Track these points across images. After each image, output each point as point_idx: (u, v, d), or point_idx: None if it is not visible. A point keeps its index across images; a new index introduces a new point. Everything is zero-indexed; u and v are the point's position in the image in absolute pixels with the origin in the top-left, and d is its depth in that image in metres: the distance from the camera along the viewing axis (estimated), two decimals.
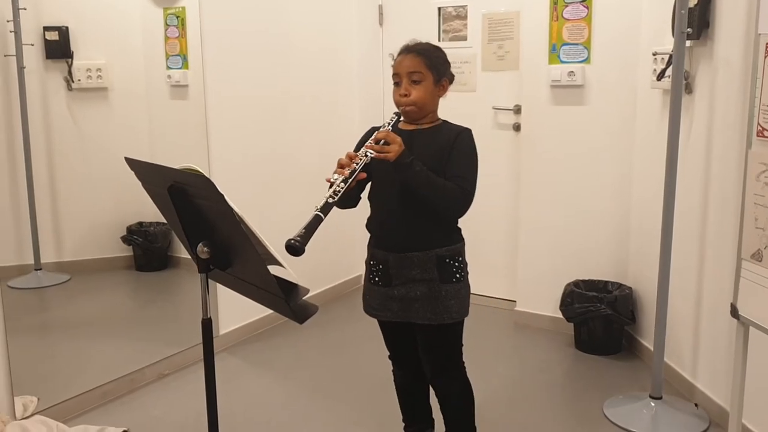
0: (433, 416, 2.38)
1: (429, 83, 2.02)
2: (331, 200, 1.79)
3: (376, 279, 2.12)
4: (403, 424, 2.38)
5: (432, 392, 2.29)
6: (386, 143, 1.90)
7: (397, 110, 2.05)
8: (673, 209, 2.62)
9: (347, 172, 1.84)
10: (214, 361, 1.79)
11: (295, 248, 1.68)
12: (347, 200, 2.02)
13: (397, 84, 2.04)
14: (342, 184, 1.82)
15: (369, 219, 2.15)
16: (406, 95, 2.01)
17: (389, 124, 2.00)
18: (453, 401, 2.21)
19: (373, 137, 1.94)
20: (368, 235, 2.17)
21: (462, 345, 2.18)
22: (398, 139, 1.90)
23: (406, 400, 2.34)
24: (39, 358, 2.96)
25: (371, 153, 1.88)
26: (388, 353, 2.30)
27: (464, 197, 1.98)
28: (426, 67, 2.01)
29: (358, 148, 2.01)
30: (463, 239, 2.13)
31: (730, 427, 2.18)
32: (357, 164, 1.86)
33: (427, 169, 1.93)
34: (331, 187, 1.82)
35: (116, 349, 3.16)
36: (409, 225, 2.03)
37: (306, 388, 3.02)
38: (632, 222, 3.40)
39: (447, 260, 2.05)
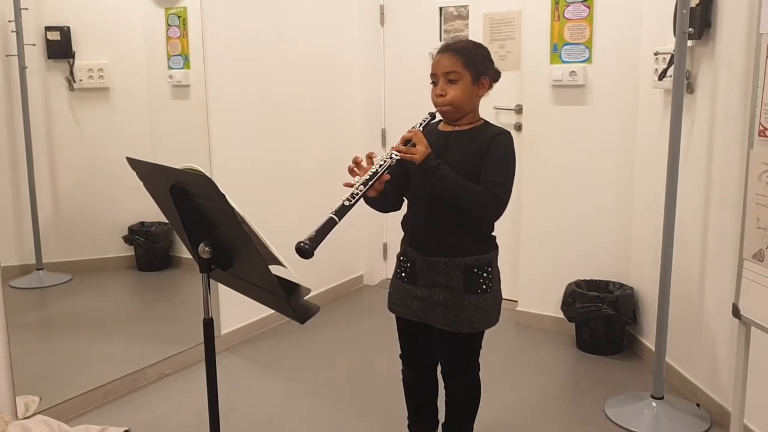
0: (439, 418, 2.37)
1: (467, 82, 1.96)
2: (347, 203, 1.75)
3: (403, 275, 2.11)
4: (408, 422, 2.36)
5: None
6: (413, 144, 1.87)
7: (432, 110, 2.00)
8: (675, 209, 2.62)
9: (367, 174, 1.81)
10: (216, 361, 1.79)
11: (304, 251, 1.65)
12: (386, 204, 2.01)
13: (434, 84, 2.00)
14: (361, 187, 1.79)
15: (404, 217, 2.13)
16: (442, 95, 1.97)
17: (421, 124, 1.96)
18: (460, 400, 2.22)
19: (401, 138, 1.90)
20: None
21: (480, 348, 2.16)
22: (424, 140, 1.87)
23: (413, 399, 2.32)
24: (41, 357, 2.96)
25: (396, 155, 1.85)
26: (399, 352, 2.27)
27: (495, 203, 1.93)
28: (463, 65, 1.95)
29: None
30: (496, 247, 2.08)
31: (731, 427, 2.18)
32: (380, 166, 1.83)
33: (461, 172, 1.89)
34: (350, 188, 1.79)
35: (118, 348, 3.16)
36: (440, 230, 2.00)
37: (307, 387, 3.02)
38: (634, 222, 3.40)
39: (475, 270, 2.00)
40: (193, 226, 1.70)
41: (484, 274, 2.02)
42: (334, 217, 1.71)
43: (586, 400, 2.88)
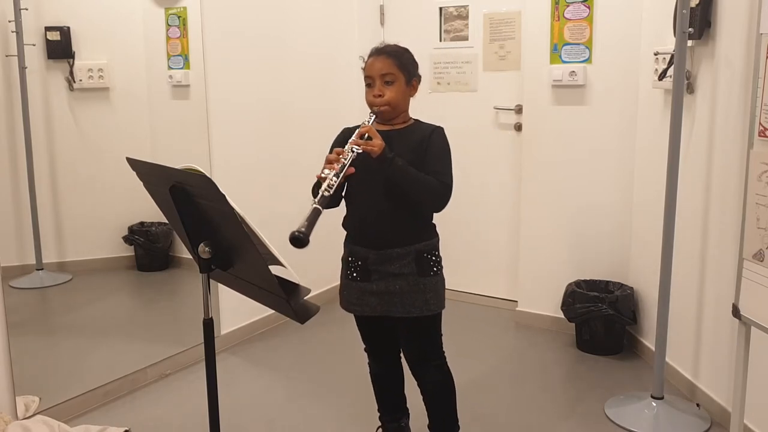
0: (408, 406, 2.44)
1: (401, 84, 2.07)
2: (326, 194, 1.84)
3: (354, 275, 2.16)
4: (378, 414, 2.43)
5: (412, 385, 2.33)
6: (369, 138, 1.96)
7: (371, 111, 2.09)
8: (675, 209, 2.62)
9: (337, 166, 1.90)
10: (216, 361, 1.79)
11: (300, 240, 1.71)
12: (332, 201, 2.06)
13: (369, 85, 2.10)
14: (334, 178, 1.87)
15: (345, 218, 2.20)
16: (380, 96, 2.06)
17: (369, 121, 2.05)
18: (433, 390, 2.26)
19: (356, 133, 1.99)
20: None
21: (441, 335, 2.23)
22: (378, 134, 1.98)
23: (382, 390, 2.41)
24: (41, 357, 2.96)
25: (357, 148, 1.94)
26: (363, 346, 2.36)
27: (444, 191, 2.05)
28: (397, 68, 2.06)
29: (335, 147, 2.09)
30: (438, 235, 2.19)
31: (731, 427, 2.18)
32: (345, 159, 1.91)
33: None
34: (324, 182, 1.87)
35: (118, 349, 3.16)
36: (389, 222, 2.09)
37: (307, 387, 3.02)
38: (634, 222, 3.40)
39: (425, 255, 2.11)
40: (193, 226, 1.70)
41: (433, 258, 2.13)
42: (319, 207, 1.81)
43: (586, 400, 2.88)
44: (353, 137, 1.97)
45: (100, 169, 3.26)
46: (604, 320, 3.25)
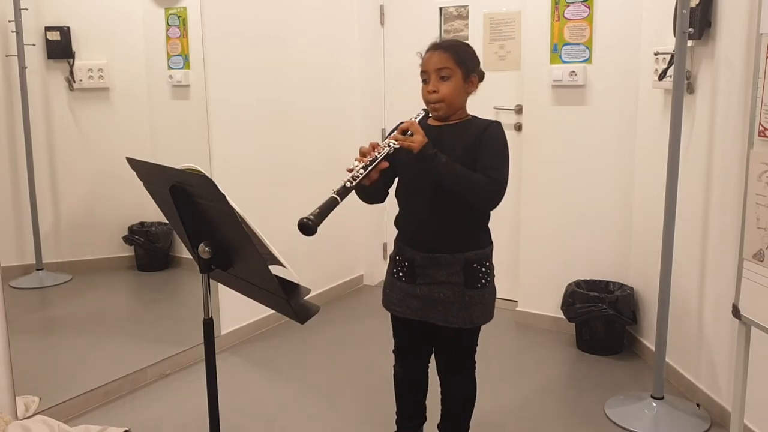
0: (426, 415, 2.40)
1: (458, 79, 1.99)
2: (348, 184, 1.78)
3: (400, 274, 2.11)
4: (396, 417, 2.38)
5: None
6: (410, 134, 1.88)
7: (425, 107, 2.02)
8: (675, 209, 2.62)
9: (368, 159, 1.83)
10: (216, 361, 1.79)
11: (307, 227, 1.66)
12: (373, 194, 2.03)
13: (425, 81, 2.02)
14: (361, 170, 1.80)
15: (398, 216, 2.14)
16: (434, 92, 1.98)
17: (416, 118, 1.97)
18: (456, 396, 2.23)
19: (399, 128, 1.92)
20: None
21: (477, 345, 2.19)
22: (421, 130, 1.89)
23: (404, 395, 2.34)
24: (40, 357, 2.96)
25: (394, 143, 1.86)
26: (393, 347, 2.29)
27: (493, 187, 1.94)
28: (454, 62, 1.98)
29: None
30: (492, 242, 2.11)
31: (731, 427, 2.18)
32: (379, 153, 1.84)
33: (456, 163, 1.91)
34: (351, 172, 1.81)
35: (118, 348, 3.16)
36: (439, 226, 2.02)
37: (307, 387, 3.02)
38: (634, 222, 3.40)
39: (474, 265, 2.03)
40: (193, 226, 1.70)
41: (483, 269, 2.05)
42: (336, 197, 1.74)
43: (585, 400, 2.88)
44: (395, 132, 1.91)
45: (100, 169, 3.26)
46: (604, 320, 3.25)
